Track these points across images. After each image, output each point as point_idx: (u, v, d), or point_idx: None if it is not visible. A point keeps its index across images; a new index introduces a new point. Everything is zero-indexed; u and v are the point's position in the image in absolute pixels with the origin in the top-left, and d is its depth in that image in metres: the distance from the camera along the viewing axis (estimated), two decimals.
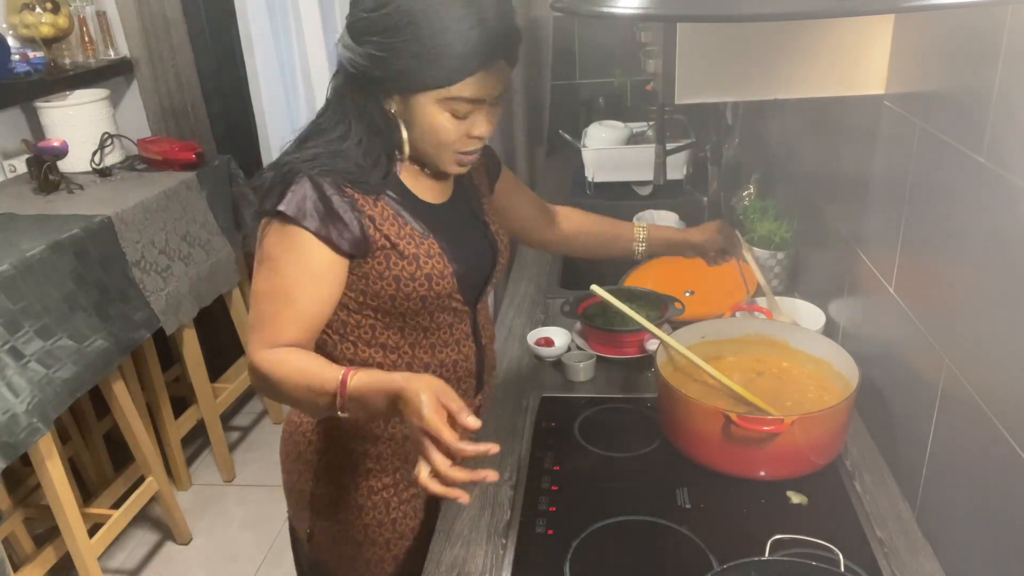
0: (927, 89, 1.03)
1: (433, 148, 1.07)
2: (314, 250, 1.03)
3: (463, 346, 1.20)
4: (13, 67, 2.44)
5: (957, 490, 0.97)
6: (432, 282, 1.10)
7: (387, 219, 1.07)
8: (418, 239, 1.09)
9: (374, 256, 1.07)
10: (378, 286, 1.09)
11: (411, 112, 1.04)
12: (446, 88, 1.00)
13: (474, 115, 1.05)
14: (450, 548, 1.09)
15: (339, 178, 1.04)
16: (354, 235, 1.04)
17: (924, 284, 1.05)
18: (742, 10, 0.58)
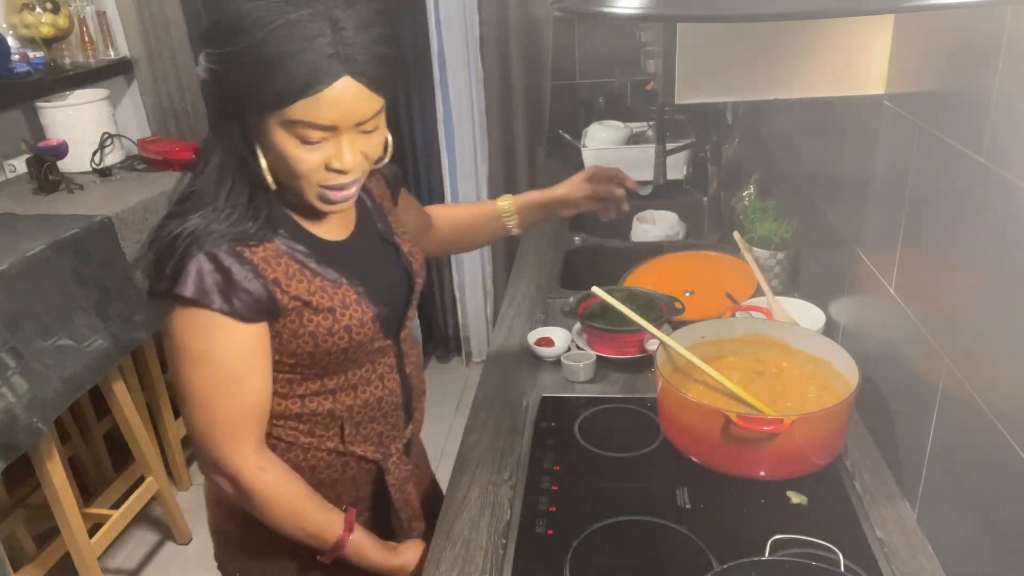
0: (927, 89, 1.03)
1: (288, 179, 0.97)
2: (236, 329, 0.96)
3: (387, 380, 1.14)
4: (13, 67, 2.44)
5: (957, 490, 0.97)
6: (353, 332, 1.04)
7: (293, 276, 1.00)
8: (331, 290, 1.02)
9: (285, 316, 1.00)
10: (293, 345, 1.02)
11: (263, 138, 0.94)
12: (285, 110, 0.89)
13: (331, 143, 0.94)
14: (450, 548, 1.09)
15: (231, 241, 0.95)
16: (261, 302, 0.97)
17: (924, 284, 1.05)
18: (742, 10, 0.58)
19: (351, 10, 0.89)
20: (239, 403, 0.99)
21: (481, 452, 1.28)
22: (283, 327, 1.00)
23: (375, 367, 1.12)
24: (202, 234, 0.94)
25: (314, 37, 0.86)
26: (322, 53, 0.87)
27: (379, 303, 1.08)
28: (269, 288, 0.97)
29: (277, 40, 0.86)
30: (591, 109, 2.83)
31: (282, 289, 0.98)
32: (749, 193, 2.00)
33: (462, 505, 1.16)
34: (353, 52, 0.88)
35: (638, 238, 2.15)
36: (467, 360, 3.40)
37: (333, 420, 1.10)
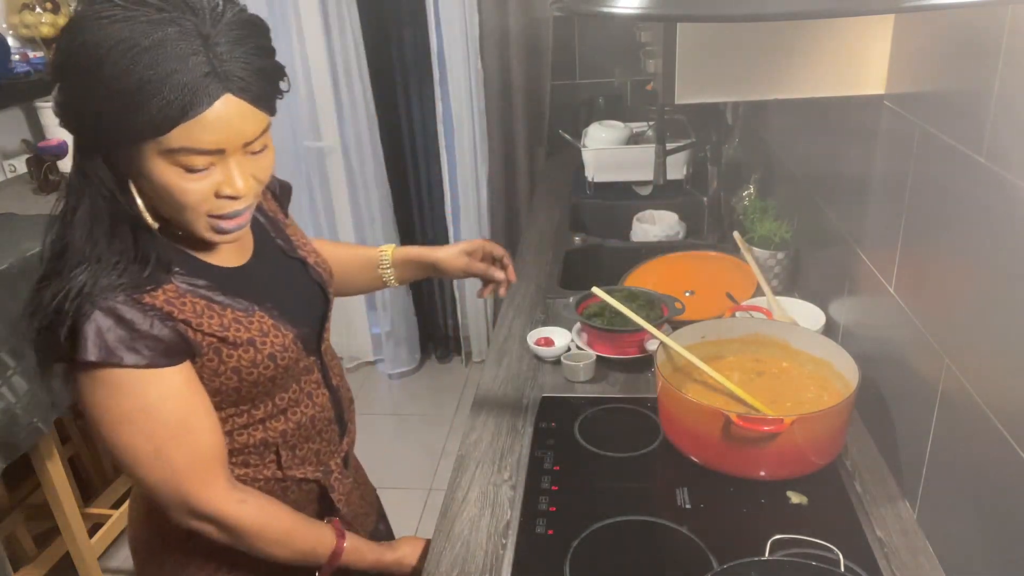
0: (927, 89, 1.03)
1: (174, 214, 0.89)
2: (160, 377, 0.89)
3: (316, 397, 1.09)
4: (13, 67, 2.44)
5: (957, 490, 0.97)
6: (278, 359, 0.98)
7: (203, 314, 0.92)
8: (245, 320, 0.96)
9: (202, 355, 0.93)
10: (215, 383, 0.96)
11: (138, 172, 0.85)
12: (162, 138, 0.81)
13: (219, 169, 0.86)
14: (450, 548, 1.09)
15: (126, 291, 0.87)
16: (173, 345, 0.90)
17: (924, 284, 1.05)
18: (742, 10, 0.58)
19: (221, 24, 0.81)
20: (196, 445, 0.93)
21: (481, 452, 1.28)
22: (201, 367, 0.94)
23: (302, 387, 1.07)
24: (91, 290, 0.85)
25: (186, 56, 0.78)
26: (197, 72, 0.79)
27: (297, 323, 1.03)
28: (180, 331, 0.90)
29: (145, 64, 0.77)
30: (591, 109, 2.83)
31: (194, 328, 0.91)
32: (749, 193, 2.00)
33: (462, 505, 1.16)
34: (231, 68, 0.81)
35: (638, 238, 2.15)
36: (467, 360, 3.40)
37: (267, 448, 1.05)
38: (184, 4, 0.80)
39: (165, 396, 0.90)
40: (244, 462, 1.04)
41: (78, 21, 0.80)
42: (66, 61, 0.80)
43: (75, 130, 0.84)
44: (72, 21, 0.81)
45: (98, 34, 0.78)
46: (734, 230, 1.78)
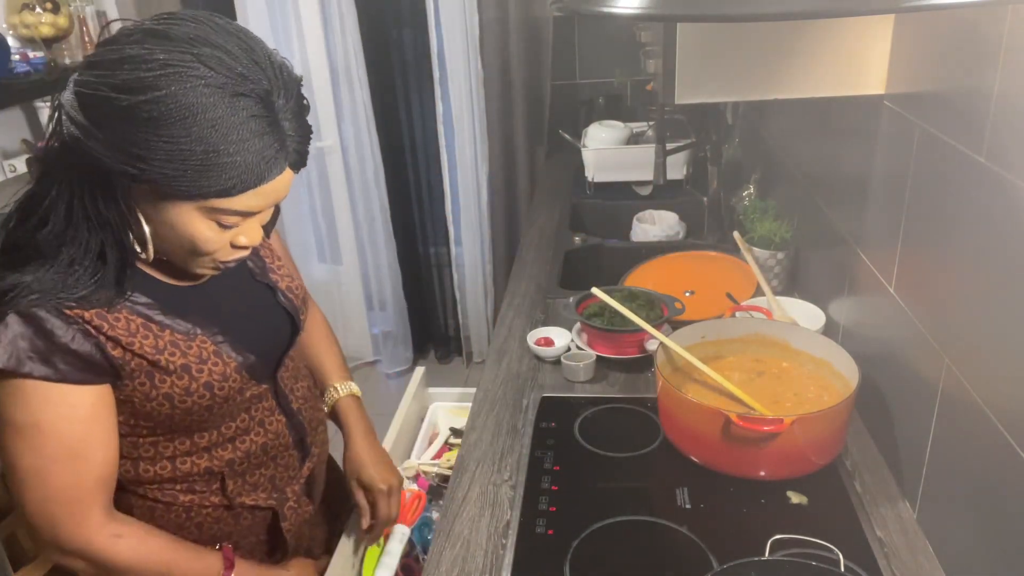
0: (927, 89, 1.03)
1: (185, 257, 0.88)
2: (67, 395, 0.85)
3: (270, 424, 1.04)
4: (13, 67, 2.44)
5: (957, 490, 0.97)
6: (215, 389, 0.94)
7: (136, 333, 0.88)
8: (183, 344, 0.92)
9: (132, 379, 0.89)
10: (148, 408, 0.92)
11: (160, 214, 0.83)
12: (216, 200, 0.81)
13: (240, 226, 0.87)
14: (450, 548, 1.09)
15: (58, 302, 0.83)
16: (94, 363, 0.86)
17: (924, 284, 1.05)
18: (742, 10, 0.58)
19: (291, 98, 0.82)
20: (78, 475, 0.88)
21: (481, 452, 1.28)
22: (132, 391, 0.90)
23: (252, 415, 1.02)
24: (19, 292, 0.81)
25: (264, 134, 0.79)
26: (270, 150, 0.80)
27: (246, 351, 0.98)
28: (104, 348, 0.86)
29: (229, 138, 0.77)
30: (591, 109, 2.83)
31: (123, 347, 0.87)
32: (749, 193, 2.00)
33: (462, 505, 1.16)
34: (293, 144, 0.83)
35: (638, 238, 2.15)
36: (467, 360, 3.40)
37: (213, 476, 1.01)
38: (264, 73, 0.80)
39: (64, 417, 0.86)
40: (189, 488, 1.01)
41: (167, 67, 0.76)
42: (139, 106, 0.75)
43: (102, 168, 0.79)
44: (156, 61, 0.76)
45: (189, 93, 0.75)
46: (734, 230, 1.78)
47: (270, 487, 1.07)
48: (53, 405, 0.85)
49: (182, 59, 0.76)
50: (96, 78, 0.78)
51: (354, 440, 1.22)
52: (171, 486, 1.00)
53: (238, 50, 0.79)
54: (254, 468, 1.05)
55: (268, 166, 0.81)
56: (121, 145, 0.77)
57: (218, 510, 1.03)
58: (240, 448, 1.02)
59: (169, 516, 1.01)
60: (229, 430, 1.01)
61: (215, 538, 1.05)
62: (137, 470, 0.98)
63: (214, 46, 0.78)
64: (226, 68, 0.77)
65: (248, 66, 0.79)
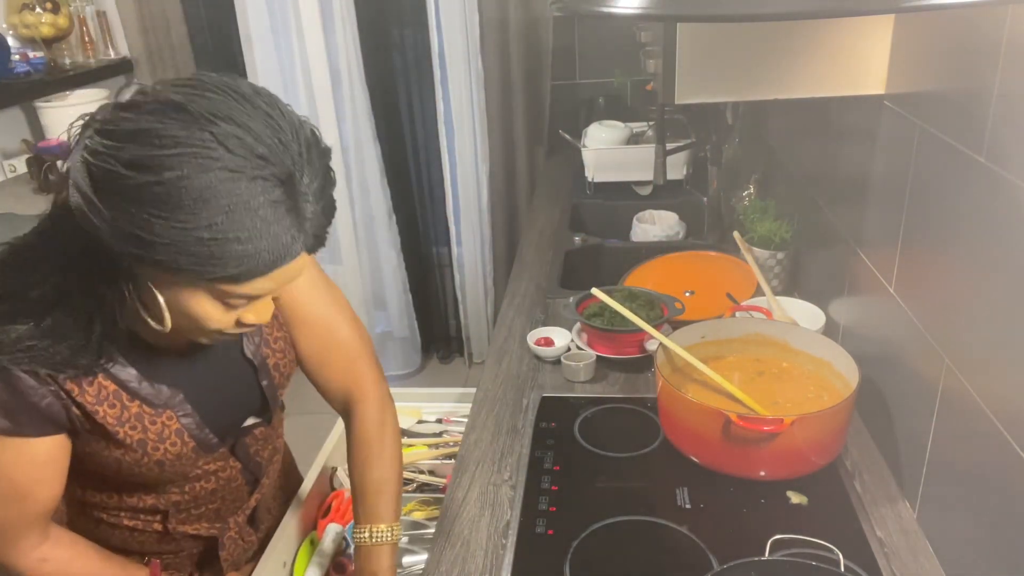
0: (927, 89, 1.03)
1: (188, 329, 0.84)
2: (23, 446, 0.86)
3: (223, 472, 1.04)
4: (13, 67, 2.44)
5: (957, 490, 0.97)
6: (165, 466, 0.94)
7: (104, 400, 0.87)
8: (147, 419, 0.90)
9: (87, 440, 0.90)
10: (98, 460, 0.92)
11: (165, 290, 0.79)
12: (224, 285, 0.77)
13: (247, 307, 0.83)
14: (450, 548, 1.09)
15: (35, 366, 0.82)
16: (54, 419, 0.86)
17: (924, 284, 1.05)
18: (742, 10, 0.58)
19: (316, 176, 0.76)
20: (19, 513, 0.90)
21: (481, 452, 1.28)
22: (85, 445, 0.91)
23: (206, 468, 1.01)
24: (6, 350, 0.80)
25: (282, 219, 0.73)
26: (287, 236, 0.74)
27: (211, 431, 0.97)
28: (69, 411, 0.86)
29: (245, 224, 0.71)
30: (591, 109, 2.83)
31: (87, 412, 0.87)
32: (749, 193, 2.00)
33: (462, 505, 1.16)
34: (311, 228, 0.77)
35: (638, 238, 2.15)
36: (468, 360, 3.40)
37: (158, 511, 1.02)
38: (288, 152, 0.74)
39: (16, 463, 0.87)
40: (133, 516, 1.03)
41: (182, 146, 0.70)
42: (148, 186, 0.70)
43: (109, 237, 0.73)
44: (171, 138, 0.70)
45: (204, 176, 0.70)
46: (734, 230, 1.78)
47: (214, 518, 1.09)
48: (9, 454, 0.87)
49: (200, 138, 0.70)
50: (107, 149, 0.72)
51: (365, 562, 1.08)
52: (116, 511, 1.03)
53: (262, 127, 0.73)
54: (200, 504, 1.06)
55: (283, 251, 0.75)
56: (126, 224, 0.71)
57: (161, 535, 1.06)
58: (188, 493, 1.03)
59: (112, 532, 1.05)
60: (181, 483, 1.02)
61: (157, 554, 1.08)
62: (84, 493, 1.02)
63: (236, 123, 0.72)
64: (246, 149, 0.71)
65: (272, 145, 0.73)
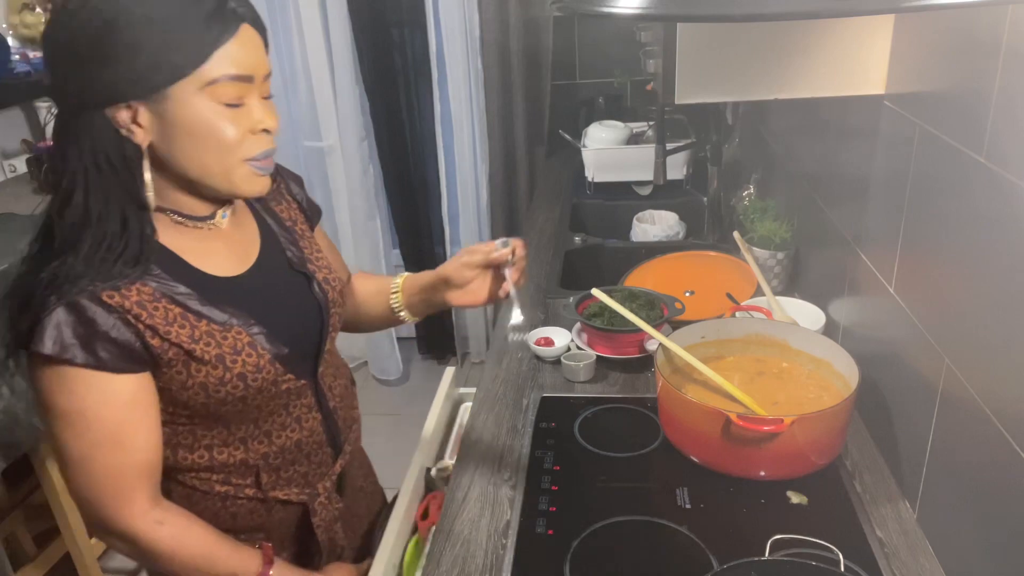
0: (927, 89, 1.03)
1: (217, 160, 0.89)
2: (108, 383, 0.88)
3: (305, 422, 1.06)
4: (13, 67, 2.44)
5: (957, 490, 0.97)
6: (248, 380, 0.95)
7: (173, 322, 0.90)
8: (219, 335, 0.93)
9: (169, 367, 0.91)
10: (184, 396, 0.94)
11: (171, 121, 0.86)
12: (203, 67, 0.84)
13: (248, 103, 0.90)
14: (450, 548, 1.09)
15: (96, 285, 0.86)
16: (133, 352, 0.88)
17: (924, 284, 1.05)
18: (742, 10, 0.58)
19: None
20: (122, 460, 0.91)
21: (481, 452, 1.28)
22: (170, 379, 0.92)
23: (289, 411, 1.04)
24: (63, 282, 0.85)
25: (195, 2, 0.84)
26: (217, 5, 0.85)
27: (281, 343, 0.99)
28: (143, 336, 0.88)
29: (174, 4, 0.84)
30: (591, 109, 2.83)
31: (160, 336, 0.89)
32: (749, 193, 2.00)
33: (462, 505, 1.16)
34: (237, 5, 0.88)
35: (638, 238, 2.15)
36: (461, 360, 3.40)
37: (248, 468, 1.03)
38: None
39: (106, 403, 0.88)
40: (225, 480, 1.02)
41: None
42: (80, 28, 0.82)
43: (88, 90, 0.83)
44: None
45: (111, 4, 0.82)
46: (734, 230, 1.78)
47: (303, 483, 1.09)
48: (95, 392, 0.88)
49: None
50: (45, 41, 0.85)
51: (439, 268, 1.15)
52: (208, 475, 1.01)
53: None
54: (288, 464, 1.06)
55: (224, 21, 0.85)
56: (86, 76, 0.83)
57: (252, 502, 1.05)
58: (275, 443, 1.04)
59: (206, 504, 1.03)
60: (265, 424, 1.02)
61: (249, 529, 1.07)
62: (176, 457, 1.00)
63: None
64: None
65: None
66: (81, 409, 0.88)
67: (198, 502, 1.02)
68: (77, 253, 0.86)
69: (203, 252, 0.96)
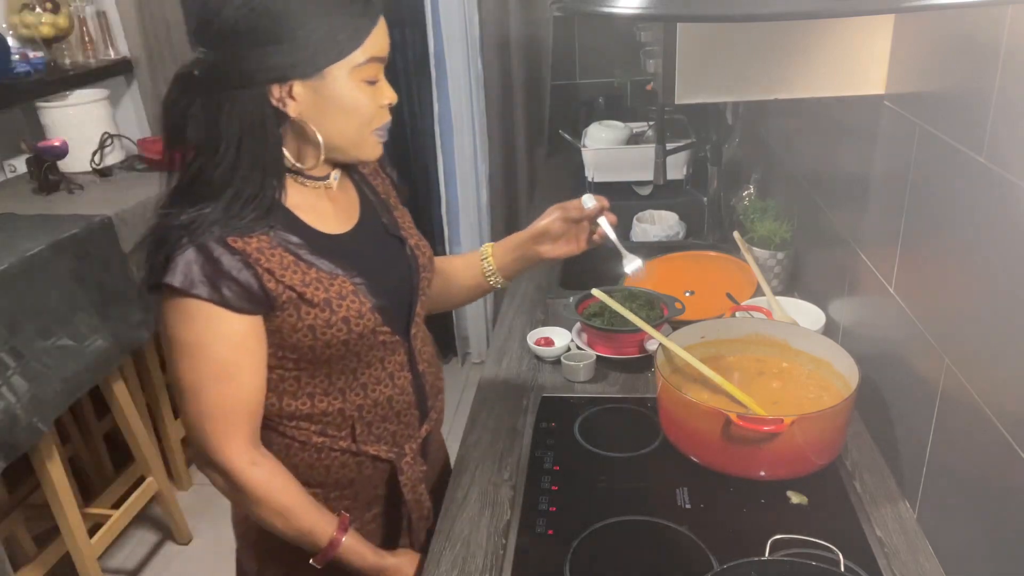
0: (927, 89, 1.03)
1: (355, 131, 1.02)
2: (225, 319, 0.96)
3: (397, 379, 1.13)
4: (13, 67, 2.44)
5: (957, 490, 0.97)
6: (351, 324, 1.03)
7: (288, 268, 0.99)
8: (326, 282, 1.02)
9: (282, 309, 1.00)
10: (293, 339, 1.02)
11: (324, 98, 0.97)
12: (357, 51, 0.96)
13: (380, 81, 1.02)
14: (450, 548, 1.09)
15: (224, 231, 0.95)
16: (252, 293, 0.97)
17: (924, 284, 1.05)
18: (742, 10, 0.58)
19: None
20: (228, 395, 0.99)
21: (481, 452, 1.28)
22: (282, 321, 1.00)
23: (384, 365, 1.11)
24: (198, 226, 0.94)
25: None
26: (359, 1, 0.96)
27: (379, 295, 1.07)
28: (261, 279, 0.97)
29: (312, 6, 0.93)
30: (591, 109, 2.83)
31: (276, 279, 0.98)
32: (749, 193, 2.00)
33: (462, 505, 1.16)
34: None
35: (638, 238, 2.15)
36: (463, 360, 3.40)
37: (344, 420, 1.10)
38: None
39: (221, 337, 0.97)
40: (322, 431, 1.09)
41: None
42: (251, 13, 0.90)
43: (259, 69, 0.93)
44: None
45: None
46: (734, 230, 1.78)
47: (391, 441, 1.15)
48: (213, 326, 0.96)
49: None
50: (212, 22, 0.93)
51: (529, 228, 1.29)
52: (307, 424, 1.09)
53: None
54: (380, 420, 1.13)
55: (372, 8, 0.97)
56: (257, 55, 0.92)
57: (345, 455, 1.12)
58: (370, 396, 1.11)
59: (303, 455, 1.10)
60: (363, 376, 1.10)
61: (340, 484, 1.13)
62: (280, 403, 1.07)
63: None
64: None
65: None
66: (199, 341, 0.97)
67: (295, 453, 1.09)
68: (216, 205, 0.95)
69: (314, 210, 1.06)
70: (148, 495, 2.35)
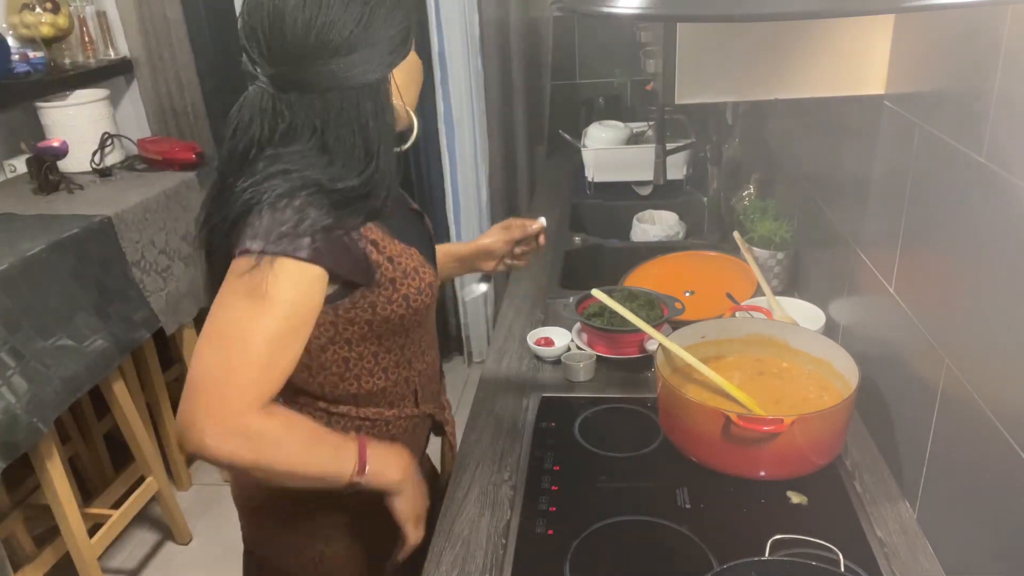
0: (927, 89, 1.03)
1: (417, 94, 1.10)
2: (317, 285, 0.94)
3: (434, 341, 1.22)
4: (13, 67, 2.44)
5: (957, 490, 0.97)
6: (432, 290, 1.09)
7: (384, 239, 1.02)
8: (406, 252, 1.05)
9: (380, 285, 1.02)
10: (387, 311, 1.04)
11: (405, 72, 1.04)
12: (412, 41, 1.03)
13: None
14: (450, 548, 1.09)
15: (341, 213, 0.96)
16: (358, 262, 0.98)
17: (924, 284, 1.05)
18: (742, 10, 0.58)
19: None
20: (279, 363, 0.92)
21: (481, 452, 1.28)
22: (378, 295, 1.02)
23: (428, 329, 1.18)
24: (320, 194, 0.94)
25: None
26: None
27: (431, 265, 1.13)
28: (367, 253, 0.99)
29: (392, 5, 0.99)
30: (591, 109, 2.83)
31: (379, 250, 1.01)
32: (749, 193, 2.00)
33: (462, 505, 1.16)
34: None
35: (638, 238, 2.15)
36: (468, 360, 3.40)
37: (408, 387, 1.15)
38: None
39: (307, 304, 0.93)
40: (391, 403, 1.14)
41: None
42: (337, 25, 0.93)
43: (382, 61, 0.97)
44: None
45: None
46: (734, 230, 1.78)
47: (435, 401, 1.24)
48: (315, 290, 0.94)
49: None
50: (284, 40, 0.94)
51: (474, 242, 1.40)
52: (378, 400, 1.13)
53: None
54: (430, 380, 1.21)
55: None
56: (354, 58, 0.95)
57: (409, 420, 1.17)
58: (425, 359, 1.17)
59: (373, 432, 1.13)
60: (422, 341, 1.16)
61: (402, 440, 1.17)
62: (359, 384, 1.09)
63: None
64: None
65: None
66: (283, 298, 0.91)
67: (367, 432, 1.12)
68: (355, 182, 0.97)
69: None
70: (148, 495, 2.35)
